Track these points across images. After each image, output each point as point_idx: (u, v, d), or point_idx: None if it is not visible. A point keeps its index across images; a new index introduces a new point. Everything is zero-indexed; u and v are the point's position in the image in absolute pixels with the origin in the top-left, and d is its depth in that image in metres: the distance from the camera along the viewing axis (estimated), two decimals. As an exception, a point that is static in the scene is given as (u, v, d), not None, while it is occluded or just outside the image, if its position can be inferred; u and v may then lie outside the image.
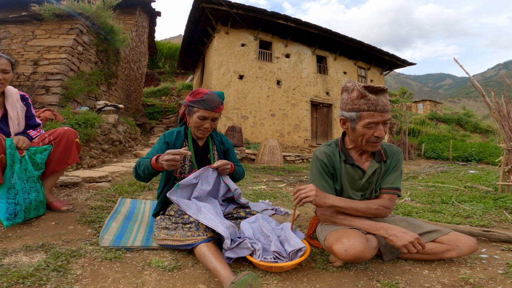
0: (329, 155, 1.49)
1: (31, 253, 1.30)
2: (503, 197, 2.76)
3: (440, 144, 13.57)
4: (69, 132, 1.93)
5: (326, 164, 1.48)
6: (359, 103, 1.31)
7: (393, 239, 1.25)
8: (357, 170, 1.47)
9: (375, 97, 1.29)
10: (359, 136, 1.36)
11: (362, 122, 1.32)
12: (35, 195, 1.70)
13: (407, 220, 1.51)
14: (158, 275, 1.21)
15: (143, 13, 10.27)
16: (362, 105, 1.31)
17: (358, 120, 1.33)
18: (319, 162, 1.49)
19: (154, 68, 19.98)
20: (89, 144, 3.98)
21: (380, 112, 1.29)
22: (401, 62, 13.15)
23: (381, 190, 1.46)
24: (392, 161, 1.49)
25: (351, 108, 1.34)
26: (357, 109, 1.32)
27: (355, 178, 1.47)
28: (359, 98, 1.31)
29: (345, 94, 1.39)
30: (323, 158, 1.48)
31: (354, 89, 1.34)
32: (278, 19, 9.54)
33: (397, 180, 1.46)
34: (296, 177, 5.13)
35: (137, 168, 1.56)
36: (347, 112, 1.37)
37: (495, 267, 1.36)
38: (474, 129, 23.41)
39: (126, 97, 8.87)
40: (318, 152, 1.53)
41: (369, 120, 1.30)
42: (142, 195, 2.73)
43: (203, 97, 1.60)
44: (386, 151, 1.50)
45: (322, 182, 1.46)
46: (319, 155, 1.50)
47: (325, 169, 1.48)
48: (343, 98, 1.41)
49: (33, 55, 5.14)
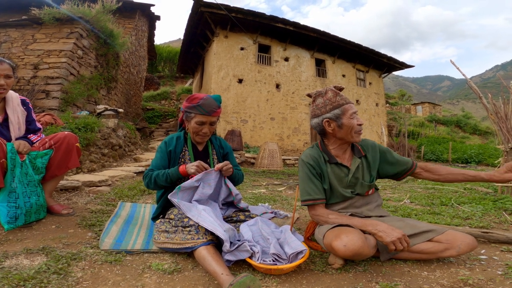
0: (314, 157, 1.55)
1: (32, 256, 1.30)
2: (503, 198, 2.76)
3: (439, 146, 13.59)
4: (69, 136, 1.94)
5: (313, 165, 1.53)
6: (337, 100, 1.47)
7: (381, 235, 1.27)
8: (342, 168, 1.54)
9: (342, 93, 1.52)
10: (348, 129, 1.46)
11: (347, 114, 1.45)
12: (36, 199, 1.71)
13: (404, 220, 1.52)
14: (158, 278, 1.21)
15: (143, 17, 10.33)
16: (341, 101, 1.47)
17: (343, 114, 1.46)
18: (305, 165, 1.54)
19: (154, 72, 20.05)
20: (89, 148, 3.99)
21: (351, 103, 1.49)
22: (399, 65, 13.23)
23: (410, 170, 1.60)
24: (373, 153, 1.60)
25: (332, 107, 1.47)
26: (337, 106, 1.47)
27: (341, 175, 1.54)
28: (335, 96, 1.48)
29: (320, 99, 1.52)
30: (309, 160, 1.54)
31: (327, 91, 1.50)
32: (277, 22, 9.61)
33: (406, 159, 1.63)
34: (295, 180, 5.13)
35: (155, 179, 1.60)
36: (329, 112, 1.48)
37: (494, 268, 1.36)
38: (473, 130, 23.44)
39: (126, 101, 8.90)
40: (303, 156, 1.59)
41: (352, 111, 1.46)
42: (142, 199, 2.73)
43: (199, 102, 1.60)
44: (363, 147, 1.61)
45: (310, 185, 1.51)
46: (305, 158, 1.56)
47: (313, 171, 1.53)
48: (318, 104, 1.52)
49: (33, 59, 5.16)
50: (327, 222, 1.45)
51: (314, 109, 1.55)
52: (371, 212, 1.56)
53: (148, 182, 1.63)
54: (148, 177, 1.63)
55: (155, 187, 1.64)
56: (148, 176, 1.63)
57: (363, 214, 1.54)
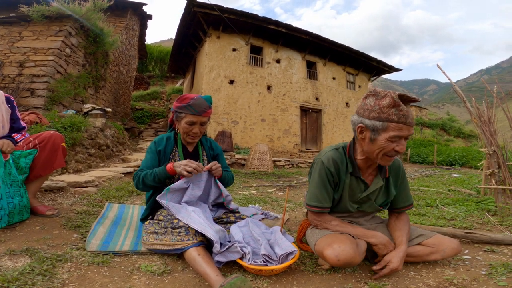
0: (337, 163, 1.37)
1: (15, 257, 1.26)
2: (485, 199, 2.85)
3: (425, 149, 13.92)
4: (55, 136, 1.90)
5: (332, 173, 1.37)
6: (389, 113, 1.17)
7: (380, 248, 1.33)
8: (360, 183, 1.40)
9: (407, 108, 1.17)
10: (378, 148, 1.23)
11: (387, 134, 1.19)
12: (19, 199, 1.66)
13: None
14: (148, 280, 1.20)
15: (134, 16, 10.20)
16: (392, 115, 1.17)
17: (383, 131, 1.20)
18: (324, 169, 1.37)
19: (144, 71, 19.78)
20: (75, 148, 3.90)
21: (408, 126, 1.18)
22: (388, 68, 13.50)
23: (401, 208, 1.48)
24: (395, 177, 1.46)
25: (377, 116, 1.20)
26: (384, 119, 1.18)
27: (356, 191, 1.41)
28: (390, 107, 1.17)
29: (371, 99, 1.24)
30: (330, 166, 1.36)
31: (386, 96, 1.19)
32: (270, 24, 9.65)
33: (409, 195, 1.50)
34: (286, 182, 5.16)
35: (144, 179, 1.57)
36: (369, 120, 1.22)
37: (477, 268, 1.40)
38: (457, 134, 24.11)
39: (114, 100, 8.74)
40: (325, 157, 1.38)
41: (395, 133, 1.18)
42: (130, 200, 2.69)
43: (190, 102, 1.60)
44: (389, 167, 1.43)
45: (323, 192, 1.38)
46: (326, 162, 1.37)
47: (330, 178, 1.37)
48: (366, 104, 1.25)
49: (19, 57, 5.02)
50: (329, 229, 1.40)
51: (361, 106, 1.29)
52: (367, 222, 1.55)
53: (137, 182, 1.61)
54: (137, 177, 1.61)
55: (144, 187, 1.61)
56: (137, 176, 1.61)
57: (359, 223, 1.52)
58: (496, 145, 2.74)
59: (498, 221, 2.24)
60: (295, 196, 3.66)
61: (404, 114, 1.17)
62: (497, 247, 1.68)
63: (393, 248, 1.34)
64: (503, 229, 2.06)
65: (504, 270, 1.33)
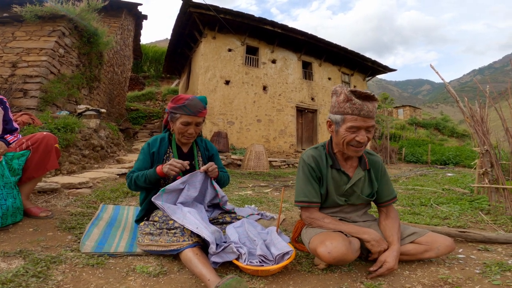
0: (316, 159, 1.49)
1: (9, 259, 1.25)
2: (479, 198, 2.88)
3: (419, 148, 14.06)
4: (48, 137, 1.88)
5: (313, 168, 1.47)
6: (345, 106, 1.34)
7: (374, 244, 1.34)
8: (342, 175, 1.49)
9: (360, 102, 1.31)
10: (341, 138, 1.38)
11: (345, 125, 1.35)
12: (12, 201, 1.64)
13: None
14: (143, 281, 1.19)
15: (129, 16, 10.13)
16: (347, 109, 1.33)
17: (342, 123, 1.36)
18: (306, 166, 1.48)
19: (139, 72, 19.65)
20: (69, 149, 3.86)
21: (364, 118, 1.32)
22: (382, 68, 13.60)
23: (386, 202, 1.54)
24: (375, 170, 1.54)
25: (337, 111, 1.38)
26: (342, 112, 1.35)
27: (340, 183, 1.49)
28: (345, 102, 1.34)
29: (334, 97, 1.41)
30: (311, 162, 1.48)
31: (341, 93, 1.36)
32: (265, 24, 9.66)
33: (392, 188, 1.57)
34: (282, 182, 5.16)
35: (135, 180, 1.57)
36: (333, 114, 1.41)
37: (472, 267, 1.41)
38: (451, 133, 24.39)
39: (109, 101, 8.67)
40: (305, 155, 1.51)
41: (351, 124, 1.33)
42: (125, 201, 2.67)
43: (185, 103, 1.59)
44: (370, 160, 1.54)
45: (308, 187, 1.46)
46: (307, 159, 1.49)
47: (313, 173, 1.47)
48: (332, 102, 1.44)
49: (12, 57, 4.95)
50: (322, 226, 1.43)
51: (330, 105, 1.46)
52: (359, 218, 1.56)
53: (129, 183, 1.60)
54: (129, 178, 1.60)
55: (136, 188, 1.61)
56: (129, 178, 1.60)
57: (351, 220, 1.54)
58: (488, 145, 2.77)
59: (492, 220, 2.26)
60: (291, 196, 3.66)
61: (357, 107, 1.31)
62: (491, 246, 1.70)
63: (386, 245, 1.36)
64: (496, 228, 2.08)
65: (499, 268, 1.34)
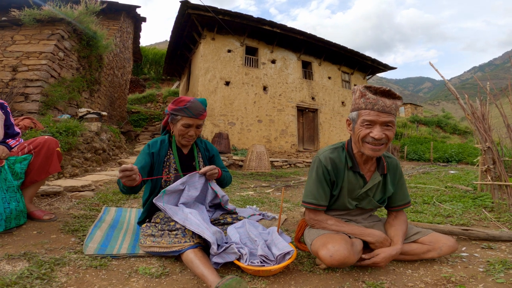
0: (334, 162, 1.42)
1: (14, 261, 1.26)
2: (482, 196, 2.87)
3: (421, 146, 14.00)
4: (49, 141, 1.89)
5: (329, 171, 1.41)
6: (359, 102, 1.33)
7: (377, 246, 1.35)
8: (359, 179, 1.43)
9: (374, 96, 1.28)
10: (356, 135, 1.34)
11: (359, 120, 1.32)
12: (15, 204, 1.66)
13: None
14: (146, 282, 1.19)
15: (128, 18, 10.16)
16: (361, 104, 1.32)
17: (357, 119, 1.33)
18: (322, 167, 1.41)
19: (139, 74, 19.70)
20: (71, 153, 3.87)
21: (378, 112, 1.27)
22: (382, 67, 13.58)
23: (399, 207, 1.51)
24: (391, 174, 1.49)
25: (353, 108, 1.37)
26: (357, 108, 1.34)
27: (355, 187, 1.44)
28: (360, 97, 1.33)
29: (353, 96, 1.40)
30: (328, 165, 1.41)
31: (357, 90, 1.35)
32: (264, 25, 9.66)
33: (407, 193, 1.53)
34: (283, 182, 5.16)
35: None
36: (351, 112, 1.39)
37: (475, 265, 1.40)
38: (453, 130, 24.27)
39: (110, 104, 8.70)
40: (322, 156, 1.43)
41: (364, 118, 1.30)
42: (127, 203, 2.67)
43: (186, 105, 1.60)
44: (388, 164, 1.49)
45: (319, 190, 1.41)
46: (324, 160, 1.42)
47: (327, 176, 1.41)
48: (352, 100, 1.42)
49: (12, 61, 4.97)
50: (326, 228, 1.42)
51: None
52: (365, 220, 1.55)
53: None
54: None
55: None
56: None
57: (357, 222, 1.52)
58: (490, 141, 2.76)
59: (495, 218, 2.25)
60: (293, 196, 3.66)
61: (371, 101, 1.28)
62: (494, 244, 1.69)
63: (389, 244, 1.36)
64: (500, 226, 2.07)
65: (502, 267, 1.34)
